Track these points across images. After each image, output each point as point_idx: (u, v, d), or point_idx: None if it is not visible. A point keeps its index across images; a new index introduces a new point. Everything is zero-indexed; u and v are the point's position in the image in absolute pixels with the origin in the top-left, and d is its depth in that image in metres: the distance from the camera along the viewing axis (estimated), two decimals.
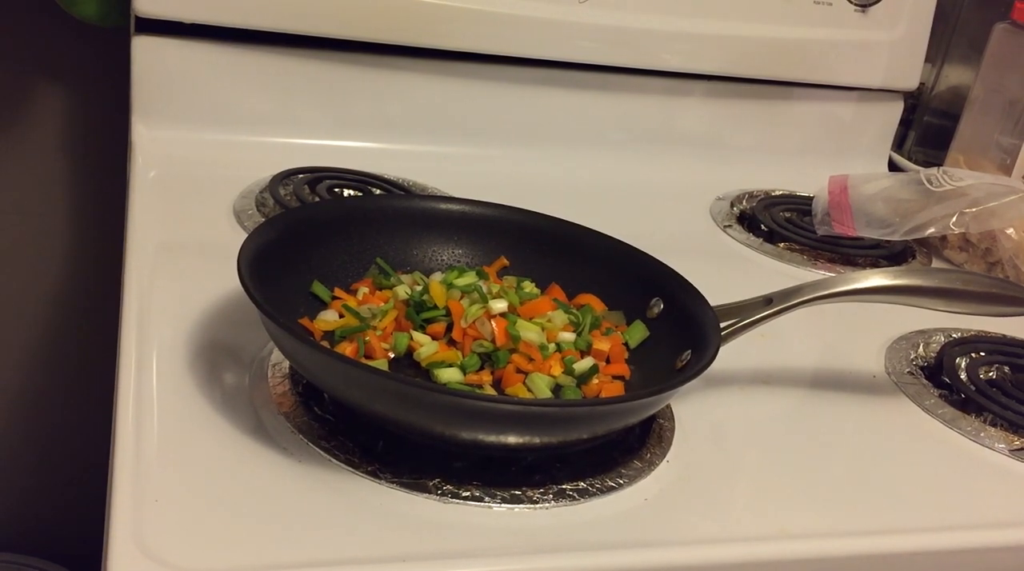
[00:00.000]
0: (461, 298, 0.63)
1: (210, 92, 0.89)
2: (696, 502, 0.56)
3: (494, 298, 0.63)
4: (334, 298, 0.64)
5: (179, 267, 0.71)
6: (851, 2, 1.03)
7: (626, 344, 0.65)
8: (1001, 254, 0.90)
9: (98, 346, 1.11)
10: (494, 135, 0.99)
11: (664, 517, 0.54)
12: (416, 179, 0.90)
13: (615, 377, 0.62)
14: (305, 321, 0.61)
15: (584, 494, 0.54)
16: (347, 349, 0.59)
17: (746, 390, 0.68)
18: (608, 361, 0.63)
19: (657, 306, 0.66)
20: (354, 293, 0.65)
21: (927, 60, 1.11)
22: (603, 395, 0.60)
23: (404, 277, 0.66)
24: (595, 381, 0.61)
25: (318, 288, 0.64)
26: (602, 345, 0.63)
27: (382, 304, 0.63)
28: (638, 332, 0.65)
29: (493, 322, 0.61)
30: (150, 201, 0.78)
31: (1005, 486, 0.63)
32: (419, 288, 0.65)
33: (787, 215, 0.97)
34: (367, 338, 0.60)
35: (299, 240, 0.64)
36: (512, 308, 0.63)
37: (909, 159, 1.17)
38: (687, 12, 0.99)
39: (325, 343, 0.60)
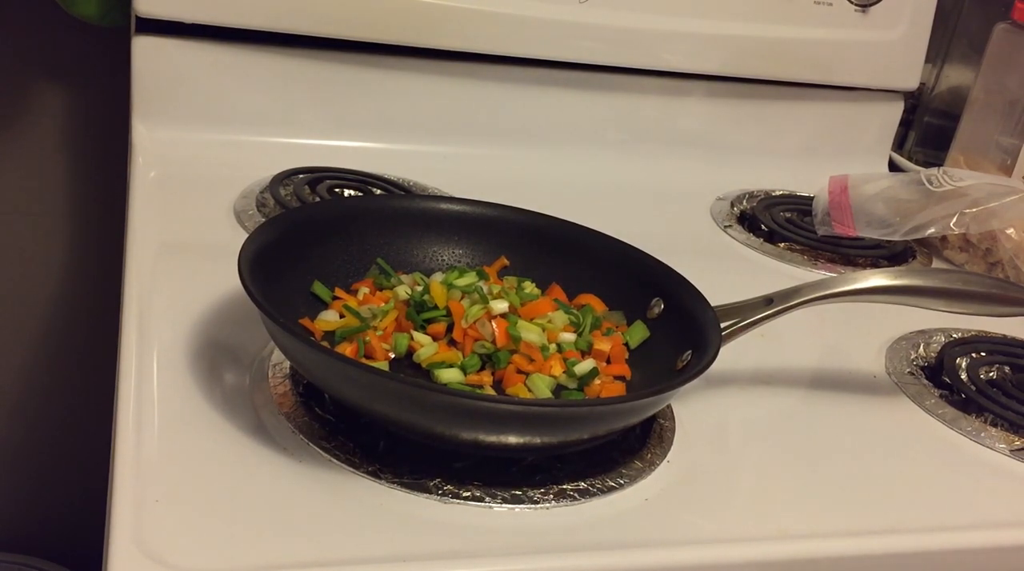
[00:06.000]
0: (462, 298, 0.63)
1: (210, 92, 0.89)
2: (696, 502, 0.56)
3: (495, 298, 0.63)
4: (335, 298, 0.64)
5: (180, 267, 0.71)
6: (851, 2, 1.03)
7: (626, 344, 0.65)
8: (1001, 254, 0.90)
9: (98, 346, 1.11)
10: (494, 135, 0.99)
11: (664, 517, 0.54)
12: (416, 179, 0.90)
13: (616, 377, 0.62)
14: (306, 321, 0.61)
15: (585, 494, 0.54)
16: (347, 349, 0.59)
17: (746, 390, 0.68)
18: (608, 361, 0.63)
19: (658, 306, 0.66)
20: (355, 293, 0.65)
21: (927, 60, 1.11)
22: (604, 395, 0.60)
23: (404, 277, 0.66)
24: (596, 382, 0.61)
25: (319, 288, 0.64)
26: (603, 345, 0.63)
27: (383, 304, 0.63)
28: (639, 332, 0.65)
29: (494, 323, 0.61)
30: (150, 201, 0.78)
31: (1005, 486, 0.63)
32: (419, 288, 0.65)
33: (787, 215, 0.97)
34: (367, 338, 0.60)
35: (300, 240, 0.64)
36: (513, 308, 0.63)
37: (909, 159, 1.17)
38: (687, 12, 0.99)
39: (325, 343, 0.60)
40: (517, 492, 0.53)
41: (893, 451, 0.65)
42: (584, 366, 0.61)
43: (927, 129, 1.18)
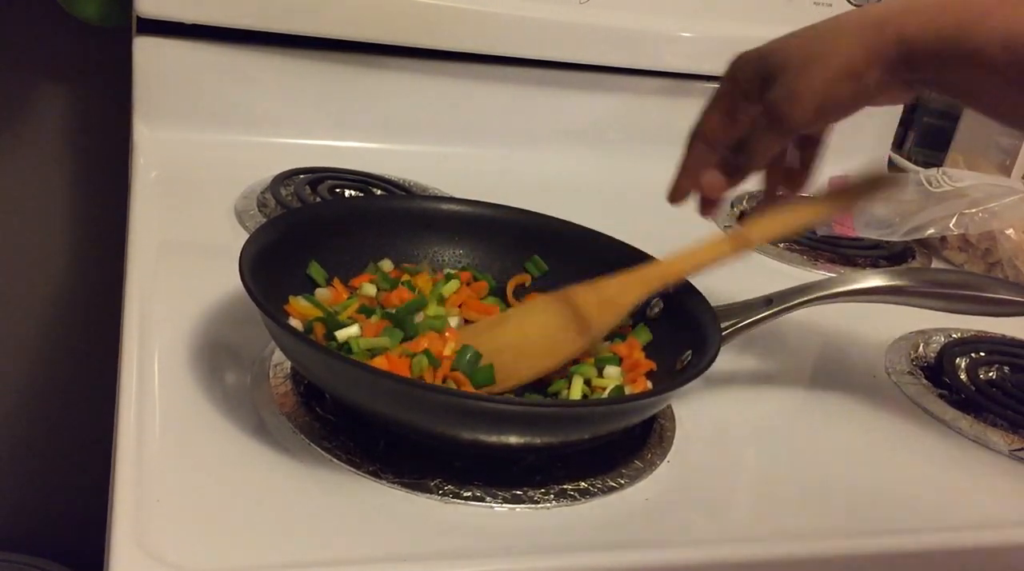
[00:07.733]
0: None
1: (211, 92, 0.89)
2: (696, 502, 0.56)
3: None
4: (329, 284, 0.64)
5: (181, 267, 0.71)
6: (851, 3, 1.03)
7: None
8: (1000, 254, 0.90)
9: (100, 346, 1.11)
10: (494, 135, 0.99)
11: (664, 517, 0.54)
12: (416, 179, 0.90)
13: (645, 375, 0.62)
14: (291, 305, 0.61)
15: (585, 494, 0.54)
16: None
17: (746, 390, 0.68)
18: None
19: (657, 306, 0.66)
20: (354, 289, 0.64)
21: None
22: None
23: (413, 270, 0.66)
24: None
25: (314, 269, 0.63)
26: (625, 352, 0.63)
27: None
28: (642, 336, 0.65)
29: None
30: (151, 201, 0.78)
31: (1005, 486, 0.63)
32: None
33: None
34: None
35: (301, 240, 0.64)
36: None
37: (909, 159, 1.17)
38: (687, 12, 0.99)
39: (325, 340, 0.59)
40: (518, 492, 0.53)
41: (892, 451, 0.65)
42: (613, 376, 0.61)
43: (926, 129, 1.18)
